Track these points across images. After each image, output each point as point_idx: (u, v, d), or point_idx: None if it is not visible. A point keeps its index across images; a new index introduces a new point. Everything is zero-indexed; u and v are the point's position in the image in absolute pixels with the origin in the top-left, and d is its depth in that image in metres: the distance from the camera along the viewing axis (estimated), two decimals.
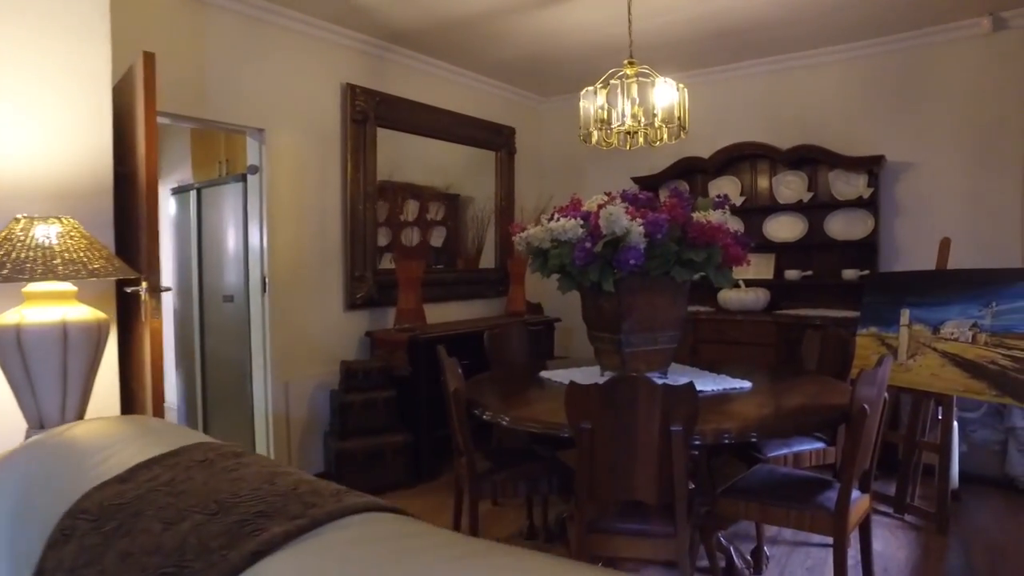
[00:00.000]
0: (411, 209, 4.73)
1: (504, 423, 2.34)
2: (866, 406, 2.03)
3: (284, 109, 3.78)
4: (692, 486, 2.70)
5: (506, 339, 3.61)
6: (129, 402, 2.50)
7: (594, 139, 3.29)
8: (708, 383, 2.69)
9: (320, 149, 3.99)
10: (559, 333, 5.28)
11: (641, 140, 3.28)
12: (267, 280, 3.75)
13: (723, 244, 2.58)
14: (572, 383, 2.02)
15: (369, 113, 4.16)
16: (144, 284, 2.36)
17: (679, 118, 3.06)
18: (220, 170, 4.97)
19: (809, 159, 4.42)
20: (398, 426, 3.91)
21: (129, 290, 2.41)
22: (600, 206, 2.59)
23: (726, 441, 2.03)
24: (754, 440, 2.26)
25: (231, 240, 4.18)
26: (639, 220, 2.49)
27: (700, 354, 4.39)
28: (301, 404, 3.91)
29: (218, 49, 3.45)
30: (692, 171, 4.89)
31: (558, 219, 2.72)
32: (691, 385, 1.90)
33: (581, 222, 2.65)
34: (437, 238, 5.15)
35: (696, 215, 2.64)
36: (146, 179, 2.34)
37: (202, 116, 3.41)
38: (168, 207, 4.92)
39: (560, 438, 2.23)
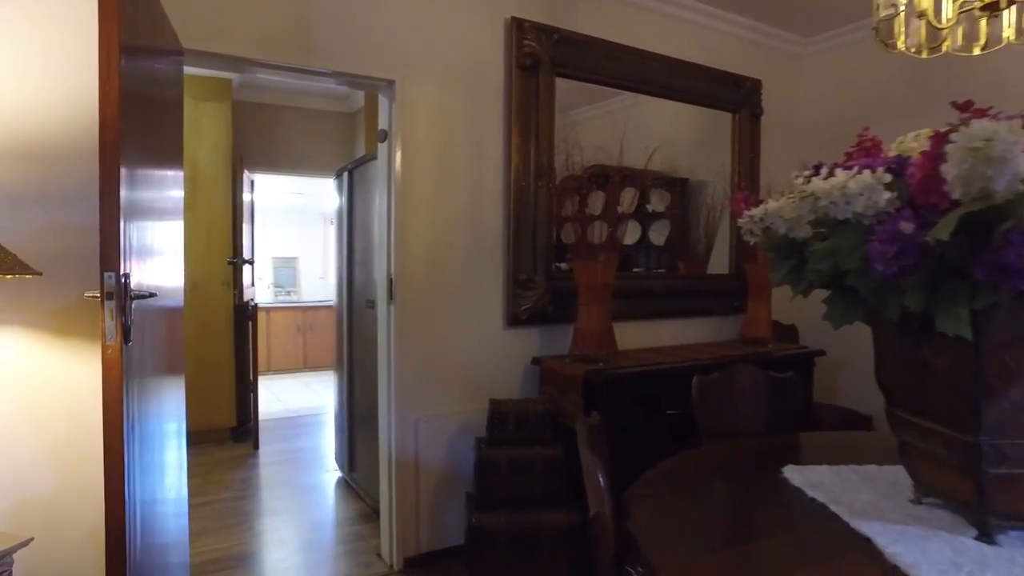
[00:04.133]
0: (624, 199, 3.49)
1: None
2: None
3: (423, 53, 2.79)
4: None
5: (726, 392, 2.22)
6: None
7: (900, 39, 1.77)
8: None
9: (473, 106, 2.94)
10: (823, 371, 3.64)
11: (1009, 29, 1.68)
12: (393, 283, 2.79)
13: None
14: None
15: (543, 57, 3.01)
16: (104, 288, 1.47)
17: None
18: None
19: None
20: (563, 499, 2.70)
21: (87, 296, 1.55)
22: (940, 136, 1.11)
23: None
24: None
25: (377, 232, 3.33)
26: None
27: None
28: (437, 450, 2.90)
29: None
30: None
31: (827, 175, 1.30)
32: None
33: (887, 176, 1.20)
34: (659, 234, 3.85)
35: None
36: (104, 126, 1.45)
37: (306, 66, 2.54)
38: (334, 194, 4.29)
39: None
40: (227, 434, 4.92)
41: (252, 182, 5.44)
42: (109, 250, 1.46)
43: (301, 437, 5.15)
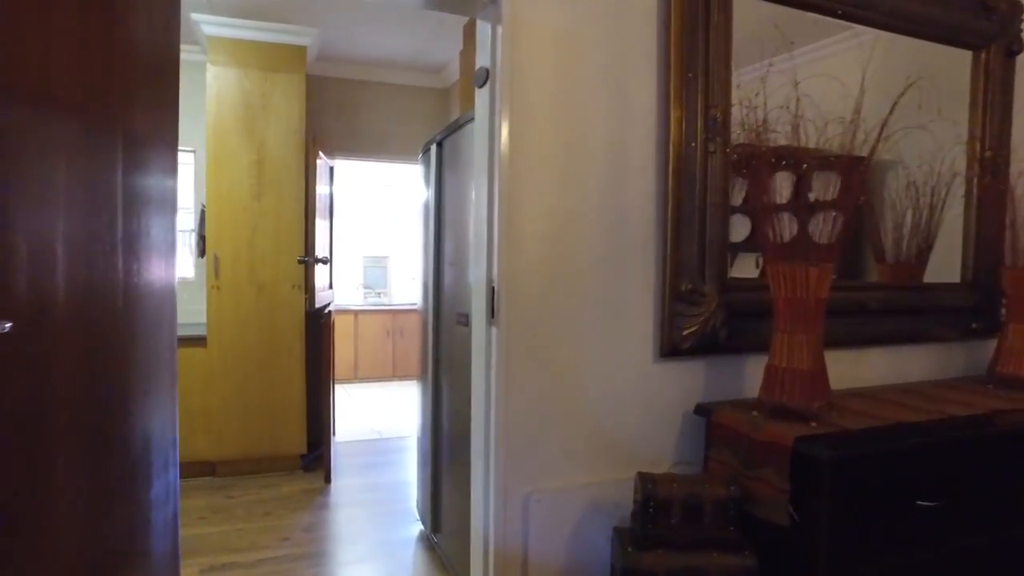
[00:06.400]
0: (778, 185, 2.45)
1: None
2: None
3: None
4: None
5: None
6: None
7: None
8: None
9: (613, 32, 1.99)
10: None
11: None
12: (497, 295, 1.89)
13: None
14: None
15: None
16: None
17: None
18: None
19: None
20: None
21: None
22: None
23: None
24: None
25: (473, 223, 2.45)
26: None
27: None
28: (555, 541, 1.97)
29: None
30: None
31: None
32: None
33: None
34: (823, 230, 2.77)
35: None
36: None
37: None
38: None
39: None
40: (297, 462, 4.22)
41: (331, 169, 4.73)
42: None
43: (382, 468, 4.39)
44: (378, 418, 5.90)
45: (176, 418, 1.53)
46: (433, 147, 2.92)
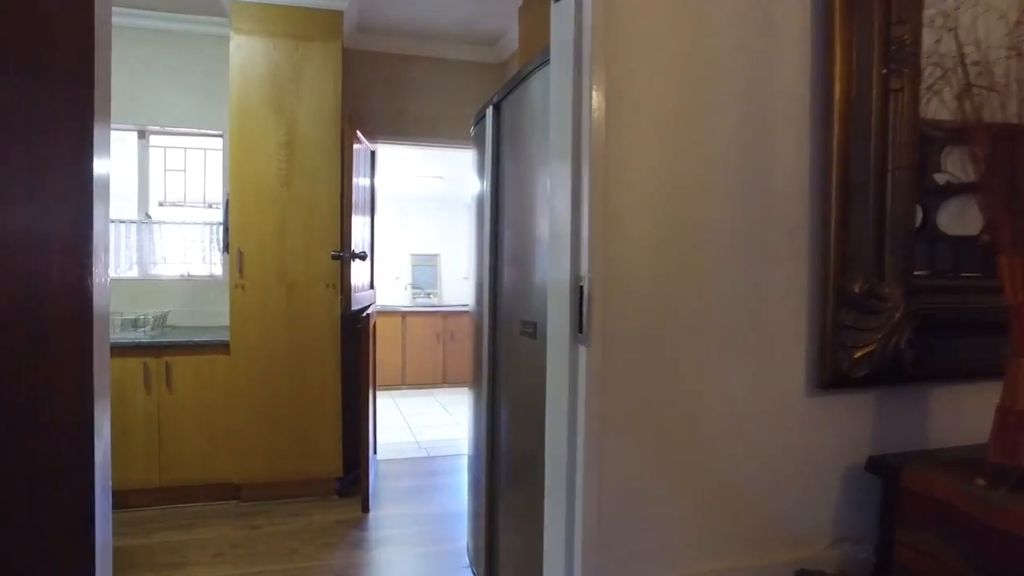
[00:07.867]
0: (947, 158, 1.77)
1: None
2: None
3: None
4: None
5: None
6: None
7: None
8: None
9: None
10: None
11: None
12: (587, 299, 1.29)
13: None
14: None
15: None
16: None
17: None
18: None
19: None
20: None
21: None
22: None
23: None
24: None
25: (550, 203, 1.87)
26: None
27: None
28: None
29: None
30: None
31: None
32: None
33: None
34: (958, 219, 2.05)
35: None
36: None
37: None
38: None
39: None
40: (332, 485, 3.71)
41: (373, 155, 4.22)
42: None
43: (429, 494, 3.84)
44: (426, 431, 5.38)
45: (102, 492, 0.99)
46: (489, 112, 2.34)
